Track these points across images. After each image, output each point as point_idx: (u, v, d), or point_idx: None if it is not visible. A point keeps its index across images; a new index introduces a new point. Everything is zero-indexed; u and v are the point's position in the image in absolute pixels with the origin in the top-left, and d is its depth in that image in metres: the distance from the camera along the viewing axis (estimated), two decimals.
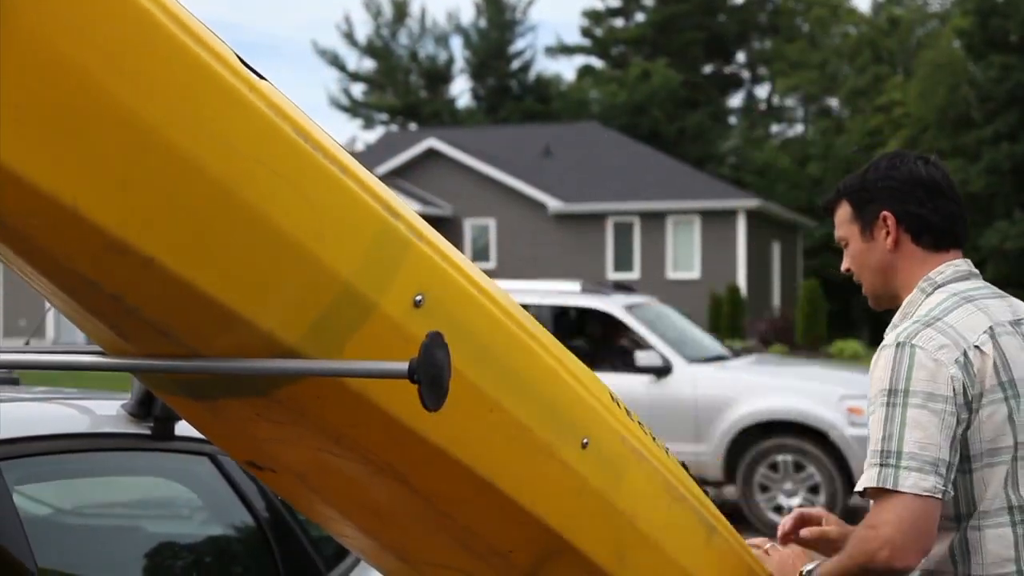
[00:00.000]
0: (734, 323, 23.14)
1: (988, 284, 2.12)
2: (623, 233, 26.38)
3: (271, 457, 1.52)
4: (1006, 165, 33.50)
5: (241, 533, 2.28)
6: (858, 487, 1.98)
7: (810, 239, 37.16)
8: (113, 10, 1.06)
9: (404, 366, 1.27)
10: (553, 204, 26.42)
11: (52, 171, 1.05)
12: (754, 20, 48.00)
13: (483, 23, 48.76)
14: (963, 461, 1.95)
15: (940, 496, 1.89)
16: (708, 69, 49.20)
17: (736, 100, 50.74)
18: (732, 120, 48.93)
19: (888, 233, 2.08)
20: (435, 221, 27.34)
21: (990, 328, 1.98)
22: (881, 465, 1.91)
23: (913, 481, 1.88)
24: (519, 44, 49.42)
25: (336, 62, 48.88)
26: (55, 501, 2.53)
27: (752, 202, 26.17)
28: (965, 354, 1.93)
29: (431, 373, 1.28)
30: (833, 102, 45.75)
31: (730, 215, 25.73)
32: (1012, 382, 1.97)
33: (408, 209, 1.43)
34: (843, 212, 2.15)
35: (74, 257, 1.13)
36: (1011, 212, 33.49)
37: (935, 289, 2.05)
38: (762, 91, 50.75)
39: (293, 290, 1.26)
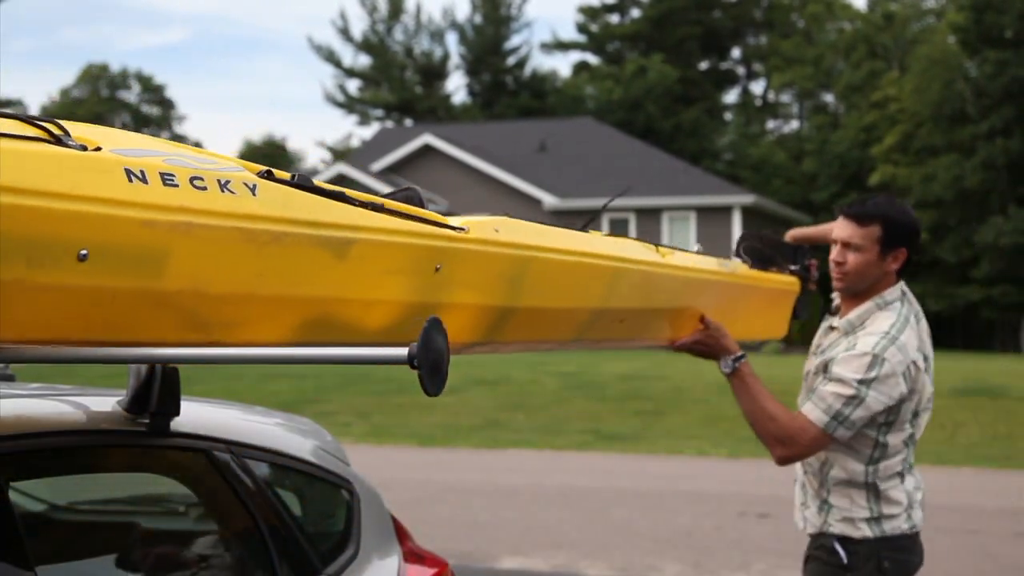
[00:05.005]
0: None
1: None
2: (619, 229, 26.38)
3: None
4: (1001, 161, 33.53)
5: (237, 530, 2.28)
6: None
7: None
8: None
9: (404, 352, 1.28)
10: (549, 200, 26.41)
11: None
12: (749, 16, 47.99)
13: (478, 19, 48.70)
14: None
15: None
16: (704, 65, 49.19)
17: (731, 96, 50.76)
18: (727, 116, 48.92)
19: (895, 261, 2.98)
20: None
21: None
22: None
23: None
24: (515, 40, 49.40)
25: (331, 58, 48.81)
26: (50, 497, 2.53)
27: (747, 198, 26.17)
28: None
29: (431, 358, 1.29)
30: (828, 98, 45.76)
31: (725, 211, 25.74)
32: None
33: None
34: (873, 230, 2.95)
35: None
36: (1006, 208, 33.51)
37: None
38: (757, 87, 50.78)
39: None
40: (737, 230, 25.55)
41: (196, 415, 2.17)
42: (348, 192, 1.74)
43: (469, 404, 14.63)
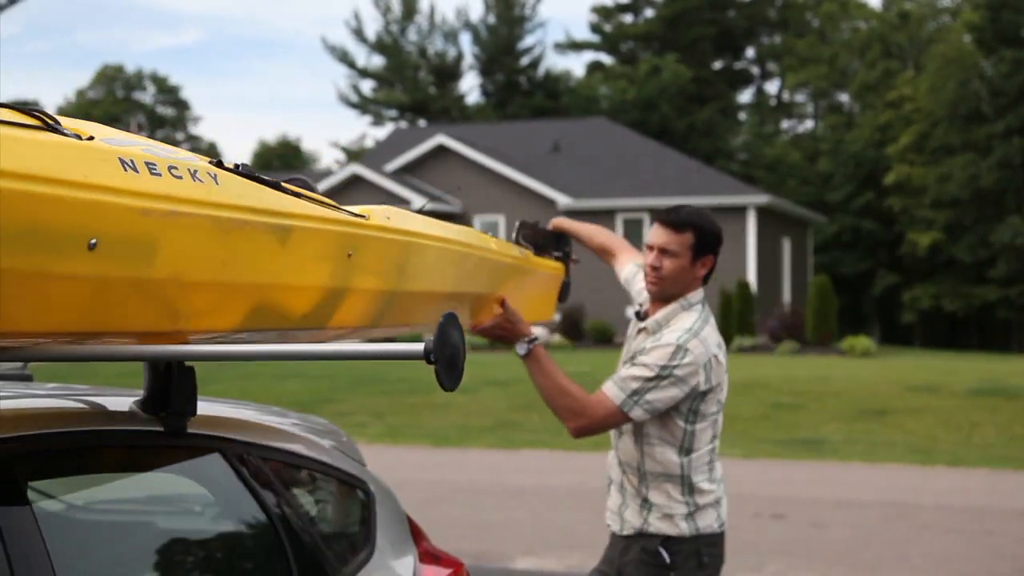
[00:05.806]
0: (744, 319, 23.10)
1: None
2: (633, 229, 26.33)
3: None
4: (1017, 160, 33.36)
5: (253, 530, 2.28)
6: None
7: (821, 235, 37.08)
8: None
9: (420, 347, 1.29)
10: (562, 200, 26.40)
11: None
12: (763, 15, 47.87)
13: (492, 19, 48.71)
14: None
15: None
16: (718, 65, 49.10)
17: (746, 96, 50.67)
18: (742, 116, 48.81)
19: (703, 267, 3.20)
20: (445, 218, 27.31)
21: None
22: None
23: None
24: (528, 40, 49.41)
25: (345, 59, 48.91)
26: (68, 498, 2.54)
27: (762, 198, 26.10)
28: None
29: (447, 353, 1.30)
30: (843, 97, 45.61)
31: (740, 211, 25.67)
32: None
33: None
34: (687, 238, 3.14)
35: None
36: (1022, 207, 33.34)
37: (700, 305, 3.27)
38: (772, 87, 50.67)
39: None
40: (752, 230, 25.51)
41: (212, 415, 2.18)
42: (281, 182, 1.81)
43: (482, 404, 14.64)
